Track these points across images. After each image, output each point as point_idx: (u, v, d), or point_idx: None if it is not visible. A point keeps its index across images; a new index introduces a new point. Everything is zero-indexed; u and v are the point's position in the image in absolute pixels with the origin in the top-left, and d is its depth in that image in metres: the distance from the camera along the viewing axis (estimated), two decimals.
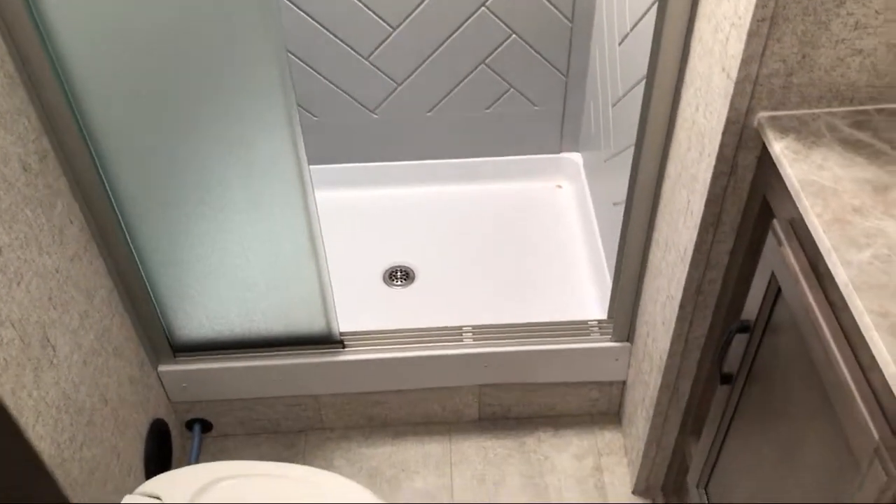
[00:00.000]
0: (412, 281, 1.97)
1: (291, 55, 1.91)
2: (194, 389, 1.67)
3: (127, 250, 1.42)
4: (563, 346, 1.64)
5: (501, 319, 1.69)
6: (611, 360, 1.67)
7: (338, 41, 1.91)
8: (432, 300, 1.92)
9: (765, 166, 1.04)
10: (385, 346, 1.65)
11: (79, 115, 1.24)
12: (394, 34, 1.90)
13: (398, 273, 1.99)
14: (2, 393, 1.08)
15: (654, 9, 1.16)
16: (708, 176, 1.10)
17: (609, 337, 1.64)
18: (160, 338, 1.58)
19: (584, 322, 1.67)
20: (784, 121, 1.00)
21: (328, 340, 1.63)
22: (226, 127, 1.28)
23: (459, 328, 1.67)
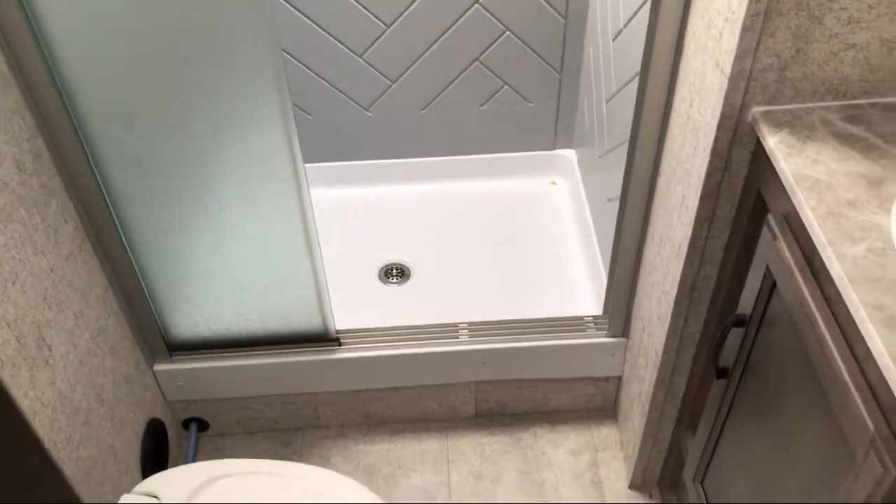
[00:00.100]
0: (408, 278, 1.97)
1: (285, 53, 1.91)
2: (190, 388, 1.67)
3: (122, 250, 1.42)
4: (559, 342, 1.65)
5: (497, 316, 1.69)
6: (606, 356, 1.67)
7: (332, 39, 1.91)
8: (428, 297, 1.92)
9: (759, 161, 1.05)
10: (381, 344, 1.65)
11: (73, 115, 1.23)
12: (388, 32, 1.90)
13: (394, 270, 1.99)
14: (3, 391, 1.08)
15: (648, 5, 1.16)
16: (702, 171, 1.10)
17: (604, 333, 1.65)
18: (156, 337, 1.58)
19: (580, 318, 1.68)
20: (778, 115, 1.01)
21: (324, 338, 1.63)
22: (221, 125, 1.28)
23: (455, 325, 1.67)
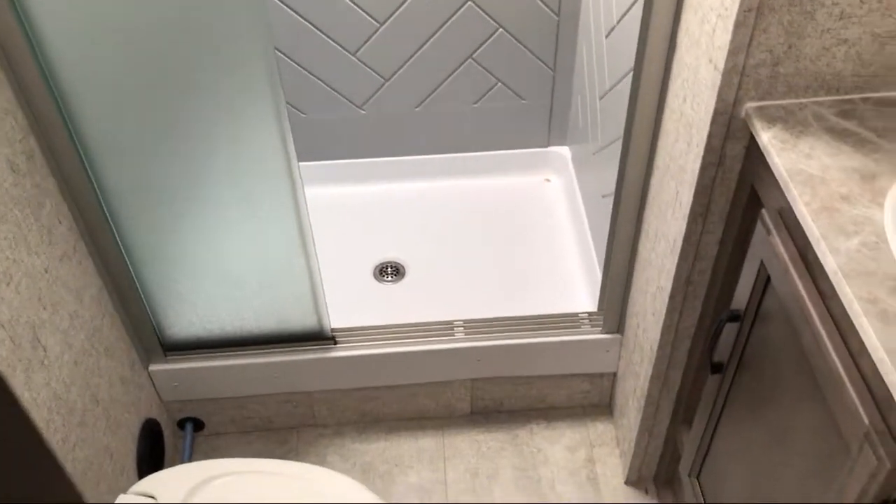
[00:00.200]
0: (403, 276, 1.97)
1: (279, 52, 1.91)
2: (186, 388, 1.67)
3: (116, 250, 1.41)
4: (554, 339, 1.65)
5: (492, 313, 1.69)
6: (601, 352, 1.67)
7: (325, 37, 1.90)
8: (423, 295, 1.92)
9: (753, 156, 1.05)
10: (377, 342, 1.65)
11: (66, 114, 1.23)
12: (381, 29, 1.90)
13: (388, 269, 1.99)
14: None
15: (641, 1, 1.17)
16: (696, 167, 1.10)
17: (599, 329, 1.65)
18: (151, 337, 1.58)
19: (575, 314, 1.68)
20: (771, 111, 1.01)
21: (320, 337, 1.63)
22: (214, 125, 1.28)
23: (451, 323, 1.67)
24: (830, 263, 0.83)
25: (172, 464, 1.70)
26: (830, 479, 0.88)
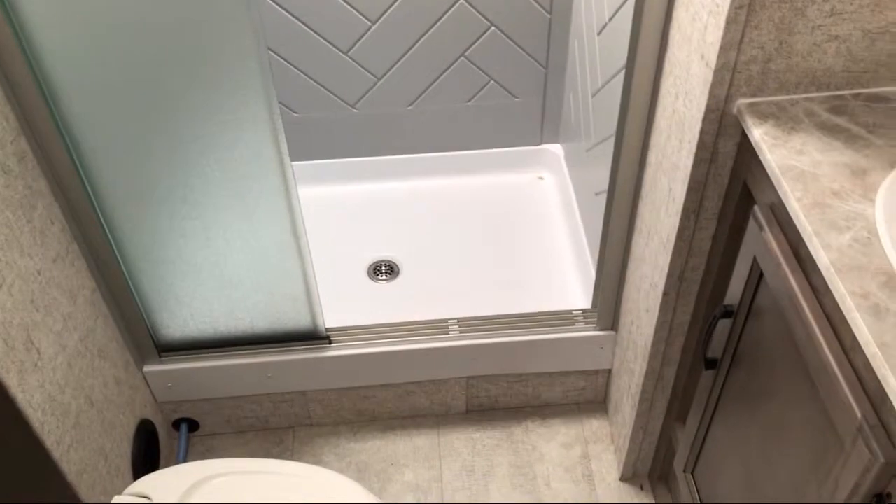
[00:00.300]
0: (397, 275, 1.97)
1: (271, 52, 1.90)
2: (180, 389, 1.66)
3: (109, 251, 1.41)
4: (549, 336, 1.65)
5: (487, 311, 1.69)
6: (596, 349, 1.68)
7: (317, 37, 1.90)
8: (417, 294, 1.92)
9: (745, 152, 1.06)
10: (371, 341, 1.65)
11: (57, 116, 1.23)
12: (373, 28, 1.90)
13: (383, 268, 1.99)
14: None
15: None
16: (689, 163, 1.10)
17: (594, 326, 1.65)
18: (145, 338, 1.58)
19: (569, 312, 1.68)
20: (763, 107, 1.01)
21: (314, 336, 1.63)
22: (207, 125, 1.27)
23: (445, 321, 1.67)
24: (823, 259, 0.84)
25: (168, 464, 1.69)
26: (824, 474, 0.89)
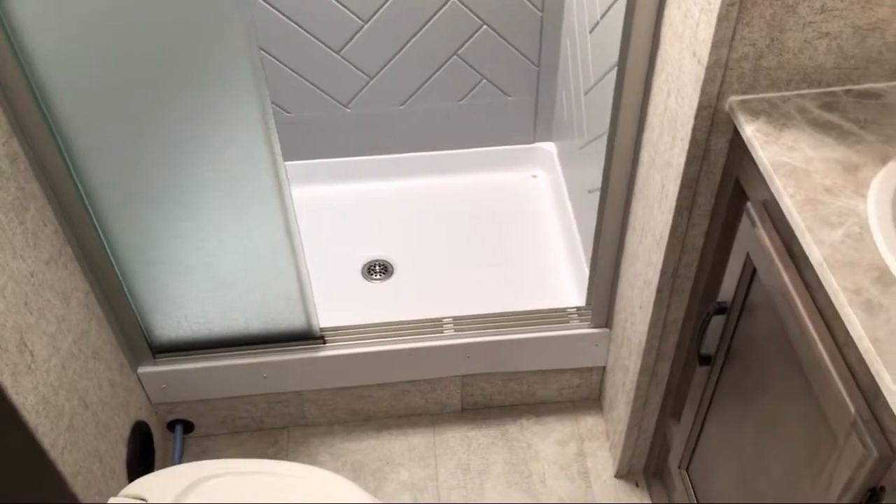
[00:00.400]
0: (391, 274, 1.97)
1: (263, 51, 1.90)
2: (175, 390, 1.66)
3: (102, 252, 1.41)
4: (543, 334, 1.65)
5: (481, 310, 1.69)
6: (590, 346, 1.68)
7: (309, 36, 1.90)
8: (412, 293, 1.92)
9: (737, 149, 1.06)
10: (366, 341, 1.65)
11: (49, 117, 1.22)
12: (365, 28, 1.90)
13: (376, 267, 1.99)
14: None
15: None
16: (681, 160, 1.11)
17: (588, 323, 1.66)
18: (139, 339, 1.57)
19: (563, 309, 1.68)
20: (755, 104, 1.02)
21: (309, 336, 1.63)
22: (199, 126, 1.27)
23: (440, 320, 1.67)
24: (815, 255, 0.84)
25: (163, 466, 1.69)
26: (818, 469, 0.89)
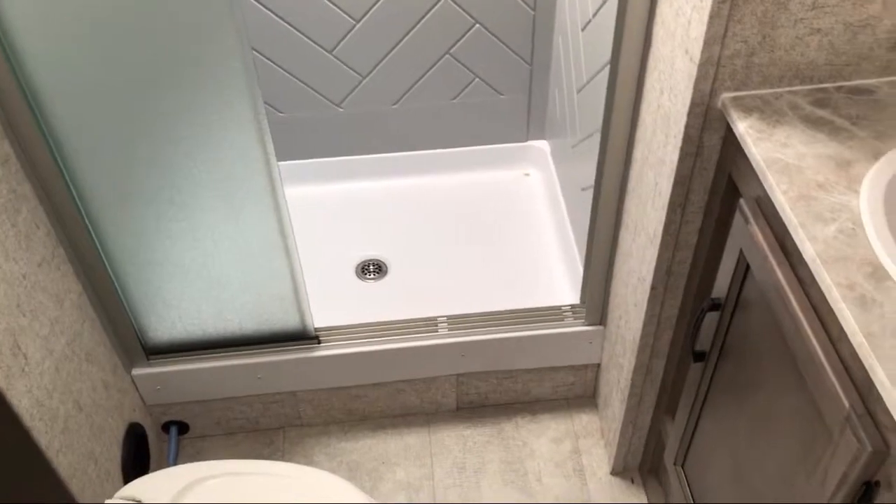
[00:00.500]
0: (385, 274, 1.97)
1: (255, 52, 1.90)
2: (169, 391, 1.66)
3: (95, 254, 1.40)
4: (538, 332, 1.65)
5: (475, 308, 1.69)
6: (584, 344, 1.68)
7: (301, 36, 1.90)
8: (406, 292, 1.92)
9: (730, 146, 1.06)
10: (361, 340, 1.65)
11: (40, 118, 1.22)
12: (357, 27, 1.89)
13: (370, 266, 1.99)
14: None
15: None
16: (675, 158, 1.11)
17: (582, 321, 1.66)
18: (132, 341, 1.57)
19: (558, 307, 1.69)
20: (747, 101, 1.02)
21: (303, 336, 1.63)
22: (192, 126, 1.27)
23: (434, 319, 1.67)
24: (809, 250, 0.85)
25: (158, 468, 1.68)
26: (813, 463, 0.90)
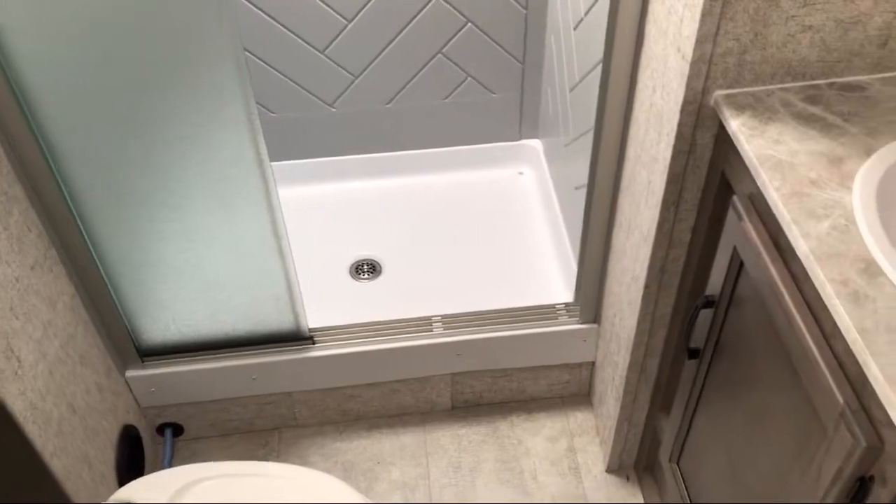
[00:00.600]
0: (379, 274, 1.97)
1: (246, 52, 1.89)
2: (163, 393, 1.65)
3: (88, 256, 1.40)
4: (532, 331, 1.66)
5: (470, 307, 1.69)
6: (579, 342, 1.68)
7: (293, 36, 1.89)
8: (400, 292, 1.92)
9: (722, 143, 1.06)
10: (355, 340, 1.64)
11: (31, 120, 1.21)
12: (349, 27, 1.89)
13: (364, 266, 1.99)
14: None
15: None
16: (668, 156, 1.11)
17: (576, 319, 1.66)
18: (126, 343, 1.56)
19: (552, 306, 1.69)
20: (739, 98, 1.02)
21: (297, 337, 1.62)
22: (184, 127, 1.26)
23: (429, 318, 1.67)
24: (802, 247, 0.85)
25: (153, 470, 1.68)
26: (808, 459, 0.90)
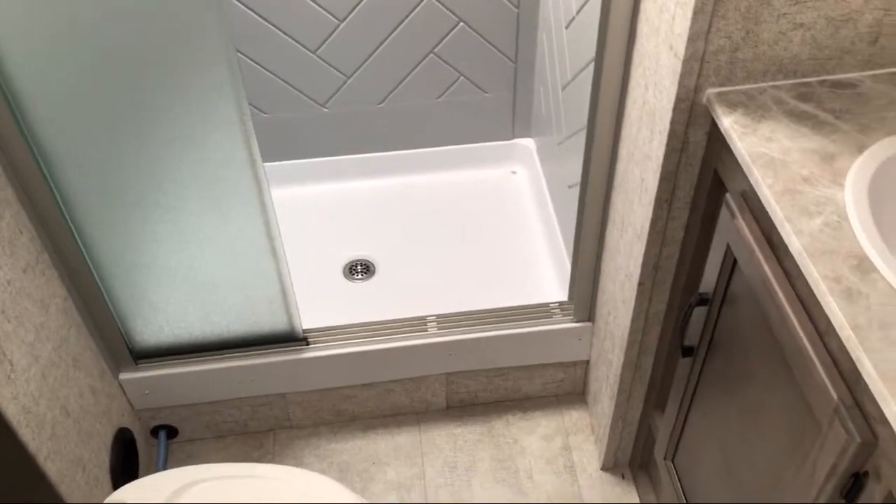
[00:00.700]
0: (373, 274, 1.97)
1: (239, 52, 1.89)
2: (157, 396, 1.65)
3: (80, 258, 1.39)
4: (527, 330, 1.66)
5: (464, 307, 1.69)
6: (573, 341, 1.69)
7: (285, 36, 1.89)
8: (394, 292, 1.92)
9: (715, 141, 1.07)
10: (349, 341, 1.64)
11: (22, 122, 1.21)
12: (341, 27, 1.89)
13: (358, 267, 1.98)
14: None
15: None
16: (660, 153, 1.11)
17: (571, 318, 1.66)
18: (120, 346, 1.56)
19: (546, 305, 1.69)
20: (732, 96, 1.02)
21: (291, 338, 1.62)
22: (177, 128, 1.26)
23: (423, 318, 1.67)
24: (795, 244, 0.85)
25: (147, 473, 1.67)
26: (802, 456, 0.90)
